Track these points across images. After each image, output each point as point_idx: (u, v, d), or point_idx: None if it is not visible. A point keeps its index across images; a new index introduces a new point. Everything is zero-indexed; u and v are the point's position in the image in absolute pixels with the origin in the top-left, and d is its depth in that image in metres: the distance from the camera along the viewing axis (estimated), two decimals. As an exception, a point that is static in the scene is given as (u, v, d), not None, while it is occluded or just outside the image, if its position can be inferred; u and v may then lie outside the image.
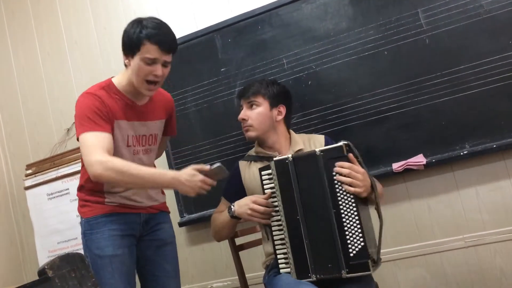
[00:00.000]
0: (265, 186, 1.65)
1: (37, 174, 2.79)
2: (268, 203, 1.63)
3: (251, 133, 1.84)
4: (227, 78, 2.43)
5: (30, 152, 2.89)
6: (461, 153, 2.07)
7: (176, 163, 2.52)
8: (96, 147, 1.58)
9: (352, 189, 1.50)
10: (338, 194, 1.52)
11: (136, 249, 1.81)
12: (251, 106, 1.84)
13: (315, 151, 1.55)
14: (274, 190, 1.62)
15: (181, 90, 2.51)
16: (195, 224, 2.50)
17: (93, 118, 1.62)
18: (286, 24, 2.33)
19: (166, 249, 1.88)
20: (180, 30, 2.56)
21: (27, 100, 2.92)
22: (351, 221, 1.50)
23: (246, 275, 2.02)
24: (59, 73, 2.84)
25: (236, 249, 2.03)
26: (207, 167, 1.58)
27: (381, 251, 1.56)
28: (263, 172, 1.65)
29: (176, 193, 2.51)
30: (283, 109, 1.86)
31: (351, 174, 1.50)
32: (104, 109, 1.65)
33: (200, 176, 1.57)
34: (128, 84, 1.72)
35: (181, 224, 2.50)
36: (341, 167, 1.52)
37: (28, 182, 2.80)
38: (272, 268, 1.74)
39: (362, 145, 2.17)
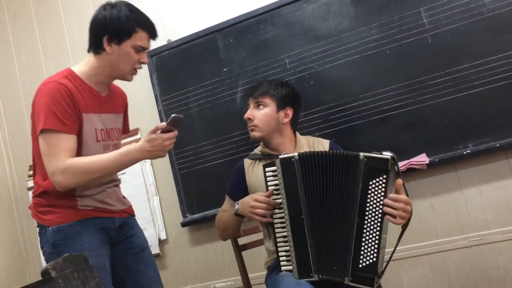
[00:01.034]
0: (268, 183, 1.63)
1: (40, 175, 2.79)
2: (269, 201, 1.61)
3: (256, 133, 1.82)
4: (229, 78, 2.43)
5: (33, 153, 2.89)
6: (464, 152, 2.06)
7: (178, 163, 2.52)
8: (58, 152, 1.49)
9: (393, 220, 1.46)
10: (369, 205, 1.47)
11: (112, 259, 1.69)
12: (258, 106, 1.82)
13: (358, 154, 1.49)
14: (278, 187, 1.61)
15: (183, 90, 2.51)
16: (197, 224, 2.50)
17: (61, 115, 1.50)
18: (288, 23, 2.33)
19: (144, 255, 1.78)
20: (182, 30, 2.57)
21: (29, 101, 2.91)
22: (371, 235, 1.47)
23: (249, 275, 2.03)
24: (61, 74, 2.84)
25: (239, 249, 2.03)
26: (162, 124, 1.52)
27: (384, 250, 1.55)
28: (267, 169, 1.64)
29: (179, 193, 2.51)
30: (290, 112, 1.84)
31: (403, 209, 1.45)
32: (72, 103, 1.53)
33: (162, 136, 1.50)
34: (97, 73, 1.63)
35: (183, 224, 2.50)
36: (396, 200, 1.45)
37: (31, 183, 2.81)
38: (274, 269, 1.73)
39: (365, 145, 2.18)
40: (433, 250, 2.16)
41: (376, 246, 1.47)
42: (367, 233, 1.48)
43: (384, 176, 1.45)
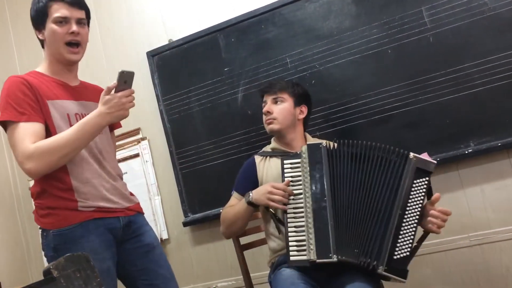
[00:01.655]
0: (286, 175, 1.67)
1: (41, 175, 2.79)
2: (286, 188, 1.64)
3: (274, 126, 1.86)
4: (230, 77, 2.43)
5: (35, 153, 2.89)
6: (466, 152, 2.06)
7: (180, 163, 2.53)
8: (22, 140, 1.46)
9: (434, 229, 1.58)
10: (410, 202, 1.57)
11: (121, 259, 1.63)
12: (275, 101, 1.88)
13: (408, 153, 1.59)
14: (297, 178, 1.64)
15: (184, 90, 2.52)
16: (199, 224, 2.50)
17: (17, 105, 1.48)
18: (290, 23, 2.33)
19: (156, 254, 1.71)
20: (183, 30, 2.57)
21: (31, 101, 2.93)
22: (408, 230, 1.56)
23: (251, 275, 2.02)
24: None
25: (241, 249, 2.04)
26: (112, 84, 1.46)
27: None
28: (285, 161, 1.68)
29: (181, 193, 2.52)
30: (305, 109, 1.92)
31: (443, 221, 1.58)
32: (31, 93, 1.50)
33: (116, 95, 1.46)
34: (52, 64, 1.63)
35: (185, 224, 2.51)
36: (445, 213, 1.58)
37: (33, 183, 2.81)
38: (277, 266, 1.74)
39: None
40: (434, 249, 2.16)
41: (411, 241, 1.55)
42: (405, 228, 1.55)
43: (427, 178, 1.58)
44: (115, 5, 2.76)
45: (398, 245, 1.54)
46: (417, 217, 1.56)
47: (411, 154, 1.59)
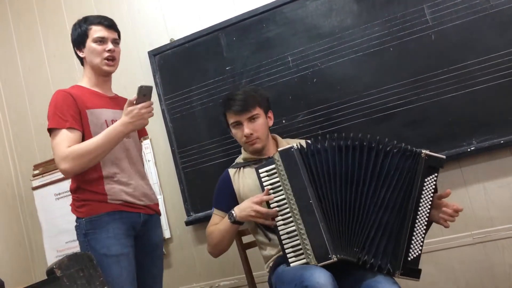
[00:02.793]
0: (264, 183, 1.64)
1: (44, 174, 2.80)
2: (269, 198, 1.61)
3: (258, 145, 1.82)
4: (232, 76, 2.43)
5: (37, 153, 2.90)
6: (468, 149, 2.06)
7: (182, 162, 2.53)
8: (59, 145, 1.71)
9: (445, 224, 1.61)
10: (422, 201, 1.56)
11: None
12: (251, 119, 1.80)
13: (420, 151, 1.57)
14: (276, 185, 1.61)
15: (186, 89, 2.52)
16: (201, 223, 2.50)
17: (61, 114, 1.74)
18: (291, 21, 2.33)
19: (155, 254, 1.95)
20: (185, 29, 2.57)
21: (33, 101, 2.93)
22: (420, 229, 1.55)
23: (254, 274, 2.03)
24: (65, 74, 2.84)
25: (243, 248, 2.04)
26: (133, 97, 1.69)
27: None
28: (260, 170, 1.65)
29: (183, 192, 2.52)
30: (271, 115, 1.90)
31: (452, 216, 1.60)
32: (72, 104, 1.77)
33: (137, 106, 1.69)
34: (91, 77, 1.91)
35: (187, 223, 2.51)
36: (457, 211, 1.60)
37: (36, 183, 2.82)
38: (277, 267, 1.71)
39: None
40: (437, 247, 2.16)
41: (422, 239, 1.54)
42: (418, 228, 1.55)
43: (436, 175, 1.58)
44: (116, 5, 2.76)
45: (412, 246, 1.53)
46: (427, 215, 1.56)
47: (423, 152, 1.56)
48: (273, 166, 1.63)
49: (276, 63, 2.35)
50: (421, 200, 1.56)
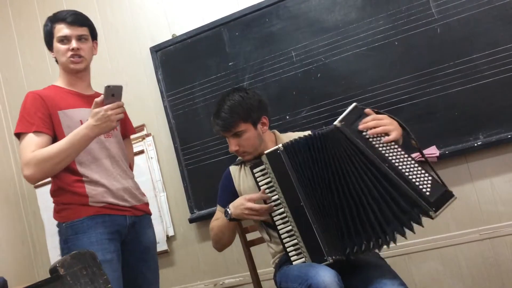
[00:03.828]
0: (259, 183, 1.62)
1: (46, 173, 2.79)
2: (263, 196, 1.59)
3: (248, 157, 1.78)
4: (235, 72, 2.41)
5: (39, 151, 2.89)
6: (475, 144, 2.03)
7: (185, 159, 2.51)
8: (25, 149, 1.64)
9: (388, 138, 1.42)
10: (381, 149, 1.42)
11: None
12: (237, 135, 1.73)
13: (334, 125, 1.45)
14: (270, 184, 1.59)
15: (189, 85, 2.50)
16: (205, 220, 2.49)
17: (29, 118, 1.68)
18: (294, 16, 2.30)
19: (149, 256, 1.87)
20: (187, 25, 2.55)
21: (35, 99, 2.92)
22: (407, 165, 1.40)
23: (258, 271, 2.01)
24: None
25: (247, 245, 2.02)
26: (99, 98, 1.61)
27: (395, 245, 1.51)
28: (255, 170, 1.63)
29: (186, 189, 2.50)
30: (266, 120, 1.79)
31: (378, 123, 1.43)
32: (41, 104, 1.70)
33: (103, 108, 1.59)
34: (64, 76, 1.83)
35: (191, 221, 2.49)
36: (365, 122, 1.43)
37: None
38: (282, 264, 1.71)
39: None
40: (444, 243, 2.14)
41: (420, 169, 1.40)
42: (404, 167, 1.40)
43: (359, 115, 1.46)
44: (117, 1, 2.74)
45: (418, 183, 1.38)
46: (399, 150, 1.41)
47: (336, 123, 1.44)
48: (263, 166, 1.61)
49: (279, 58, 2.32)
50: (380, 148, 1.42)
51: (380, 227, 1.42)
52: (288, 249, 1.58)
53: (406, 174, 1.40)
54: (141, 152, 2.63)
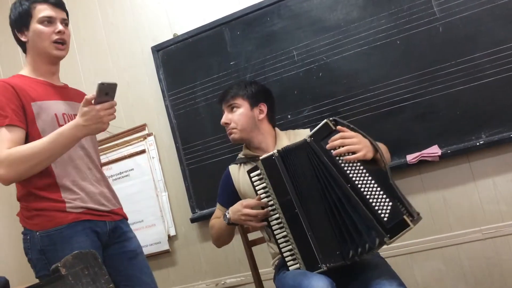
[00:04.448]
0: (256, 188, 1.62)
1: (48, 172, 2.78)
2: (260, 203, 1.59)
3: (235, 136, 1.82)
4: (236, 71, 2.40)
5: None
6: (477, 143, 2.02)
7: (186, 159, 2.51)
8: None
9: (352, 156, 1.43)
10: (346, 169, 1.45)
11: (104, 264, 1.57)
12: (231, 109, 1.82)
13: (305, 139, 1.51)
14: (266, 189, 1.59)
15: (190, 85, 2.49)
16: (207, 220, 2.47)
17: (0, 109, 1.48)
18: (296, 15, 2.30)
19: (138, 260, 1.74)
20: (188, 24, 2.54)
21: (36, 98, 2.91)
22: (369, 188, 1.42)
23: (260, 271, 2.01)
24: (68, 70, 2.81)
25: (249, 245, 2.02)
26: (91, 95, 1.42)
27: (396, 244, 1.51)
28: (252, 174, 1.63)
29: (188, 189, 2.50)
30: (264, 107, 1.84)
31: (344, 142, 1.45)
32: (14, 97, 1.50)
33: (95, 107, 1.42)
34: (36, 65, 1.65)
35: (193, 220, 2.49)
36: (331, 141, 1.46)
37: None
38: (281, 267, 1.71)
39: (376, 137, 2.14)
40: (446, 243, 2.13)
41: (381, 193, 1.40)
42: (366, 189, 1.42)
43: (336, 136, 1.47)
44: (118, 0, 2.73)
45: (377, 208, 1.40)
46: (363, 171, 1.43)
47: (306, 138, 1.50)
48: (259, 171, 1.61)
49: (281, 57, 2.32)
50: (345, 167, 1.44)
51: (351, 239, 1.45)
52: (284, 254, 1.58)
53: (367, 197, 1.42)
54: (143, 151, 2.62)
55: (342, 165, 1.45)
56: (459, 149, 2.05)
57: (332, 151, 1.47)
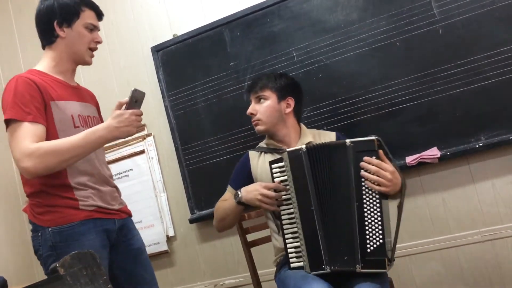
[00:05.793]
0: (275, 180, 1.62)
1: (46, 172, 2.78)
2: (278, 186, 1.60)
3: (260, 127, 1.84)
4: (236, 72, 2.40)
5: (40, 150, 2.88)
6: (477, 145, 2.02)
7: (186, 159, 2.50)
8: (22, 139, 1.45)
9: (375, 187, 1.46)
10: (363, 188, 1.48)
11: (110, 261, 1.64)
12: (259, 100, 1.84)
13: (345, 141, 1.51)
14: (286, 183, 1.59)
15: (190, 85, 2.49)
16: (206, 221, 2.48)
17: (23, 105, 1.48)
18: (296, 16, 2.30)
19: (143, 258, 1.76)
20: (188, 25, 2.54)
21: (35, 98, 2.91)
22: (372, 217, 1.47)
23: (258, 272, 2.00)
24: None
25: (247, 246, 2.01)
26: (124, 99, 1.51)
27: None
28: (273, 165, 1.63)
29: (187, 190, 2.49)
30: (291, 101, 1.85)
31: (379, 172, 1.46)
32: (36, 94, 1.51)
33: (127, 111, 1.49)
34: (61, 62, 1.65)
35: (191, 221, 2.49)
36: (369, 162, 1.47)
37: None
38: (283, 265, 1.71)
39: (375, 138, 2.15)
40: (445, 245, 2.13)
41: (380, 228, 1.45)
42: (369, 216, 1.47)
43: (374, 157, 1.47)
44: (119, 0, 2.73)
45: (368, 237, 1.46)
46: (376, 201, 1.46)
47: (347, 141, 1.50)
48: (283, 163, 1.61)
49: (280, 58, 2.32)
50: (363, 187, 1.47)
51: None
52: (289, 250, 1.58)
53: (366, 223, 1.47)
54: (142, 152, 2.62)
55: (363, 184, 1.48)
56: (459, 151, 2.05)
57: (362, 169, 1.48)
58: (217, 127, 2.44)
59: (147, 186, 2.59)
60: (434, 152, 2.06)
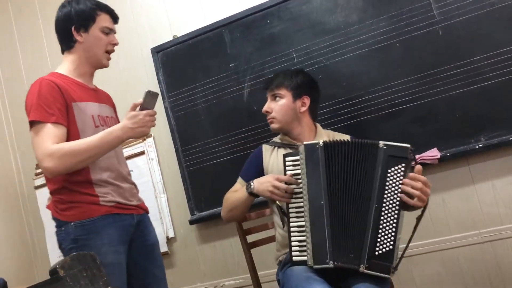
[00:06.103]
0: (287, 173, 1.62)
1: (46, 173, 2.78)
2: (290, 179, 1.60)
3: (275, 125, 1.85)
4: (236, 73, 2.40)
5: (40, 151, 2.88)
6: (477, 146, 2.03)
7: (186, 160, 2.50)
8: (44, 140, 1.53)
9: (406, 198, 1.46)
10: (386, 192, 1.49)
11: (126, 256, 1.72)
12: (274, 98, 1.85)
13: (377, 142, 1.51)
14: (298, 176, 1.60)
15: (190, 86, 2.49)
16: (206, 222, 2.48)
17: (47, 107, 1.56)
18: (295, 17, 2.30)
19: (155, 254, 1.83)
20: (188, 26, 2.54)
21: (35, 99, 2.91)
22: (388, 222, 1.47)
23: (259, 273, 2.00)
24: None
25: (248, 247, 2.01)
26: (138, 101, 1.58)
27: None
28: (287, 159, 1.63)
29: (187, 191, 2.49)
30: (307, 100, 1.84)
31: (422, 189, 1.45)
32: (59, 96, 1.59)
33: (142, 112, 1.57)
34: (81, 66, 1.73)
35: (191, 222, 2.48)
36: (415, 179, 1.46)
37: (38, 181, 2.80)
38: (286, 264, 1.71)
39: (375, 139, 2.15)
40: (445, 246, 2.13)
41: (393, 234, 1.46)
42: (385, 221, 1.48)
43: (403, 165, 1.47)
44: (119, 1, 2.73)
45: (379, 240, 1.47)
46: (397, 207, 1.47)
47: (381, 143, 1.50)
48: (298, 157, 1.61)
49: (280, 60, 2.32)
50: (386, 192, 1.48)
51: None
52: (293, 243, 1.58)
53: (380, 226, 1.47)
54: (142, 153, 2.62)
55: (387, 187, 1.49)
56: (459, 152, 2.05)
57: (396, 175, 1.48)
58: (217, 128, 2.44)
59: (147, 187, 2.59)
60: (434, 153, 2.07)
